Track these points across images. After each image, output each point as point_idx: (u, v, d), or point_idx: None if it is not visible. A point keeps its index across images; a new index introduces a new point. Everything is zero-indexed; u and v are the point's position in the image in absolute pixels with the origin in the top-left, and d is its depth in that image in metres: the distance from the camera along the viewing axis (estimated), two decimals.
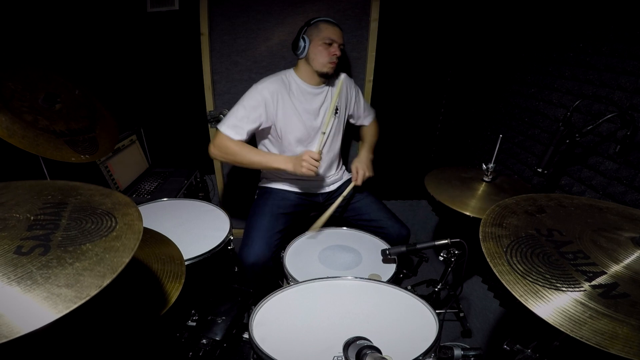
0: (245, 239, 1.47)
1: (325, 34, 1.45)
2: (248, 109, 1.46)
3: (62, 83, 1.31)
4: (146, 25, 1.97)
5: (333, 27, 1.47)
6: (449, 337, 1.73)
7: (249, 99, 1.47)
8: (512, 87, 1.67)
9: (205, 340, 1.08)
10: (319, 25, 1.46)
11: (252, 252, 1.41)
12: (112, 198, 0.70)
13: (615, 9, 1.15)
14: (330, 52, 1.47)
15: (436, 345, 0.87)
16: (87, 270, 0.51)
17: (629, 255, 0.66)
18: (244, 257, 1.42)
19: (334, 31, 1.46)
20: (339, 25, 1.49)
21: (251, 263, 1.41)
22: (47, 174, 1.34)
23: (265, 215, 1.54)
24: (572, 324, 0.55)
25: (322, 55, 1.47)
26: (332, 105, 1.48)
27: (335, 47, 1.47)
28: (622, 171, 1.08)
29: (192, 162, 2.28)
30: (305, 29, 1.49)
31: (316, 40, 1.46)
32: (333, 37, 1.45)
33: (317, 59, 1.48)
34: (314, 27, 1.47)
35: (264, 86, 1.49)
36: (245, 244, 1.45)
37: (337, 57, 1.49)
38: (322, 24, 1.47)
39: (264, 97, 1.47)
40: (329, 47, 1.46)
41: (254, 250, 1.41)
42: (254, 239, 1.45)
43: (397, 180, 2.43)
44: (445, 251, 1.42)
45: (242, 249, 1.45)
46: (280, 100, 1.49)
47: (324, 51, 1.46)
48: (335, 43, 1.47)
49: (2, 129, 1.01)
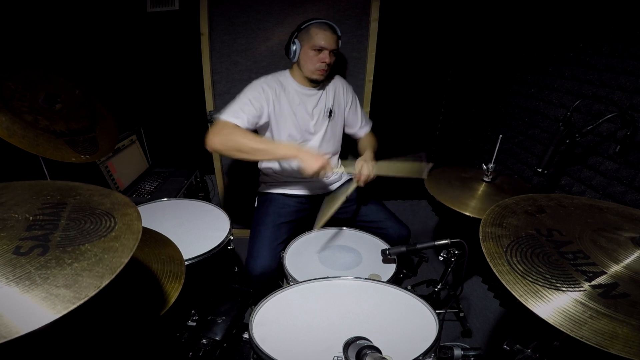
0: (251, 250, 1.47)
1: (314, 40, 1.41)
2: (249, 97, 1.43)
3: (62, 83, 1.31)
4: (146, 25, 1.98)
5: (324, 32, 1.41)
6: (449, 337, 1.73)
7: (251, 90, 1.46)
8: (512, 87, 1.66)
9: (205, 340, 1.08)
10: (310, 31, 1.42)
11: (259, 265, 1.41)
12: (111, 198, 0.70)
13: (615, 9, 1.15)
14: (320, 59, 1.43)
15: (436, 345, 0.87)
16: (86, 271, 0.51)
17: (629, 255, 0.66)
18: (250, 269, 1.43)
19: (324, 36, 1.41)
20: (333, 27, 1.44)
21: (258, 274, 1.41)
22: (47, 174, 1.34)
23: (268, 226, 1.53)
24: (572, 324, 0.55)
25: (311, 62, 1.44)
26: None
27: (325, 53, 1.42)
28: (622, 171, 1.08)
29: (192, 162, 2.28)
30: (296, 33, 1.47)
31: (306, 47, 1.43)
32: (322, 44, 1.41)
33: (307, 65, 1.45)
34: (305, 32, 1.44)
35: (264, 81, 1.49)
36: (251, 256, 1.45)
37: (328, 65, 1.45)
38: (314, 28, 1.42)
39: (264, 89, 1.46)
40: (319, 53, 1.43)
41: (261, 262, 1.42)
42: (260, 251, 1.45)
43: (397, 180, 2.42)
44: (445, 251, 1.42)
45: (249, 261, 1.45)
46: (276, 98, 1.49)
47: (313, 57, 1.43)
48: (326, 50, 1.42)
49: (2, 129, 1.01)
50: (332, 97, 1.61)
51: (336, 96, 1.63)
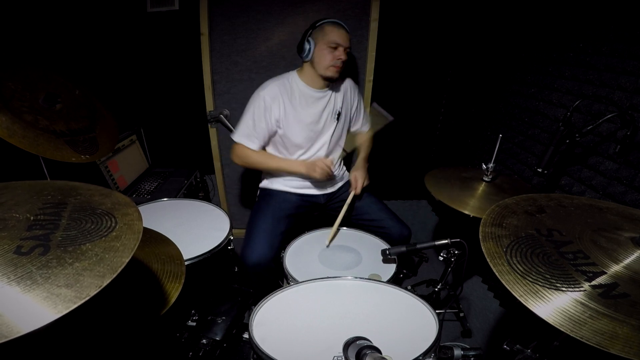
0: (247, 240, 1.47)
1: (330, 37, 1.43)
2: (255, 119, 1.50)
3: (62, 83, 1.31)
4: (146, 25, 1.97)
5: (339, 30, 1.44)
6: (449, 337, 1.73)
7: (255, 108, 1.50)
8: (512, 87, 1.66)
9: (205, 340, 1.08)
10: (325, 28, 1.44)
11: (254, 254, 1.41)
12: (112, 198, 0.70)
13: (615, 9, 1.15)
14: (335, 55, 1.44)
15: (436, 345, 0.87)
16: (87, 270, 0.51)
17: (629, 255, 0.66)
18: (246, 258, 1.43)
19: (339, 34, 1.43)
20: (345, 27, 1.47)
21: (253, 264, 1.41)
22: (47, 174, 1.34)
23: (267, 217, 1.54)
24: (572, 324, 0.55)
25: (326, 59, 1.45)
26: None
27: (340, 50, 1.45)
28: (622, 171, 1.08)
29: (192, 162, 2.28)
30: (310, 31, 1.47)
31: (321, 44, 1.44)
32: (338, 41, 1.43)
33: (322, 62, 1.46)
34: (320, 30, 1.45)
35: (265, 92, 1.49)
36: (247, 245, 1.45)
37: (342, 62, 1.47)
38: (328, 26, 1.44)
39: (266, 103, 1.48)
40: (334, 50, 1.44)
41: (256, 251, 1.41)
42: (256, 240, 1.45)
43: (397, 180, 2.43)
44: (445, 251, 1.42)
45: (244, 250, 1.45)
46: (281, 105, 1.50)
47: (328, 55, 1.44)
48: (341, 47, 1.44)
49: (3, 129, 1.01)
50: (342, 100, 1.61)
51: (345, 99, 1.63)
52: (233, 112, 2.14)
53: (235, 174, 2.37)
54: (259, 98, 1.49)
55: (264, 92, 1.49)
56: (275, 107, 1.49)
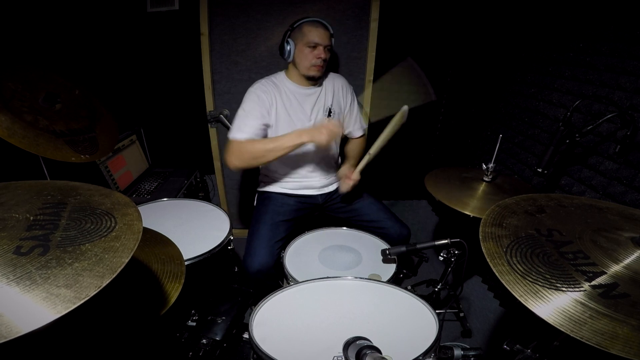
0: (249, 247, 1.48)
1: (309, 37, 1.42)
2: (248, 110, 1.47)
3: (62, 83, 1.31)
4: (146, 25, 1.97)
5: (317, 29, 1.42)
6: (449, 337, 1.73)
7: (248, 101, 1.49)
8: (512, 87, 1.66)
9: (205, 340, 1.08)
10: (303, 28, 1.44)
11: (256, 262, 1.41)
12: (112, 198, 0.70)
13: (615, 9, 1.15)
14: (315, 54, 1.44)
15: (436, 345, 0.87)
16: (87, 271, 0.51)
17: (629, 255, 0.66)
18: (247, 266, 1.43)
19: (317, 33, 1.42)
20: (325, 25, 1.46)
21: (255, 271, 1.41)
22: (47, 174, 1.34)
23: (267, 224, 1.54)
24: (572, 324, 0.55)
25: (307, 59, 1.45)
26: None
27: (320, 49, 1.44)
28: (622, 171, 1.08)
29: (192, 162, 2.28)
30: (289, 32, 1.48)
31: (300, 44, 1.44)
32: (317, 40, 1.42)
33: (302, 62, 1.46)
34: (298, 30, 1.45)
35: (257, 87, 1.50)
36: (249, 253, 1.46)
37: (323, 60, 1.46)
38: (306, 26, 1.43)
39: (259, 96, 1.48)
40: (314, 50, 1.44)
41: (258, 259, 1.42)
42: (257, 248, 1.45)
43: (397, 180, 2.43)
44: (445, 251, 1.42)
45: (246, 258, 1.45)
46: (272, 100, 1.50)
47: (308, 54, 1.44)
48: (320, 46, 1.43)
49: (3, 129, 1.01)
50: (332, 96, 1.61)
51: (335, 95, 1.63)
52: (233, 112, 2.13)
53: (236, 174, 2.37)
54: (252, 92, 1.49)
55: (256, 87, 1.50)
56: (267, 101, 1.49)
